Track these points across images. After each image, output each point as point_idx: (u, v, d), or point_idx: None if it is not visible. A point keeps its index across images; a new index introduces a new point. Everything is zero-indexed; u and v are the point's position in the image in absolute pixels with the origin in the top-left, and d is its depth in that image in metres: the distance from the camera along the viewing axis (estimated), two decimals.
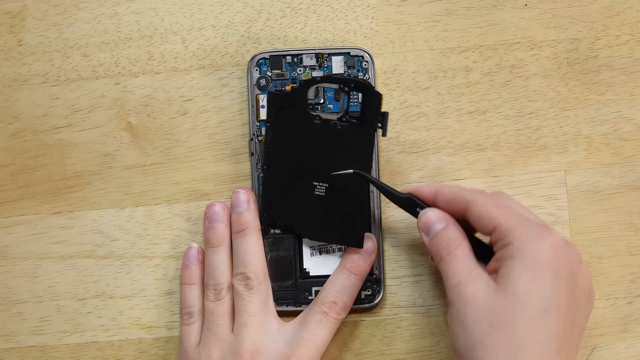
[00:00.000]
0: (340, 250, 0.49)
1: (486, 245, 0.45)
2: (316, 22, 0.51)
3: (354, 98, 0.49)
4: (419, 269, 0.50)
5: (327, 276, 0.48)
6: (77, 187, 0.51)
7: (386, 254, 0.50)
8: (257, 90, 0.50)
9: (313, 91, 0.48)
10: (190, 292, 0.48)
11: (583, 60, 0.50)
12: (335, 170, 0.46)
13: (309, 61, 0.50)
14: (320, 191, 0.47)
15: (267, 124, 0.48)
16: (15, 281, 0.51)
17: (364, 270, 0.47)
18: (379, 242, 0.49)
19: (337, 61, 0.50)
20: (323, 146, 0.47)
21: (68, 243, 0.51)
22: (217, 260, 0.48)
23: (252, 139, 0.49)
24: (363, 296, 0.49)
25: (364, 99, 0.46)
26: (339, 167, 0.46)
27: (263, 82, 0.50)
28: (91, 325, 0.50)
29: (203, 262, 0.49)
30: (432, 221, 0.44)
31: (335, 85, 0.47)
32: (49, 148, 0.51)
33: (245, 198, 0.48)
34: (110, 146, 0.51)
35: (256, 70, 0.50)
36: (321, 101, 0.49)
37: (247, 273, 0.47)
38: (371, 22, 0.51)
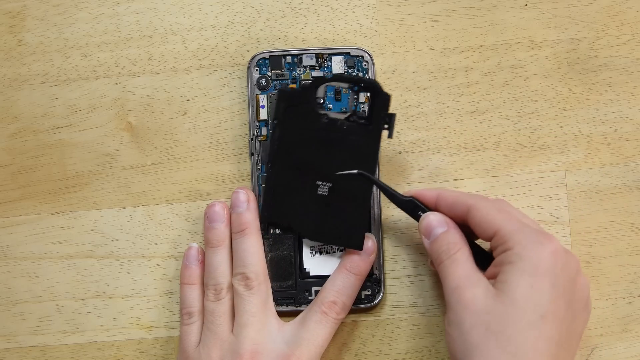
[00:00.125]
0: (340, 250, 0.49)
1: (486, 252, 0.45)
2: (316, 22, 0.51)
3: (354, 98, 0.49)
4: (419, 269, 0.50)
5: (327, 276, 0.48)
6: (77, 187, 0.51)
7: (386, 254, 0.50)
8: (257, 90, 0.50)
9: (322, 90, 0.48)
10: (190, 292, 0.48)
11: (583, 60, 0.50)
12: (339, 170, 0.46)
13: (309, 61, 0.50)
14: (323, 190, 0.47)
15: (274, 120, 0.47)
16: (15, 281, 0.51)
17: (364, 270, 0.47)
18: (379, 242, 0.49)
19: (337, 61, 0.50)
20: (329, 145, 0.47)
21: (68, 243, 0.51)
22: (217, 260, 0.48)
23: (252, 139, 0.49)
24: (363, 296, 0.49)
25: (372, 100, 0.46)
26: (343, 167, 0.46)
27: (263, 82, 0.50)
28: (91, 325, 0.50)
29: (203, 262, 0.49)
30: (433, 225, 0.44)
31: (345, 85, 0.47)
32: (49, 148, 0.51)
33: (245, 198, 0.48)
34: (110, 146, 0.51)
35: (256, 70, 0.50)
36: (321, 101, 0.49)
37: (247, 273, 0.47)
38: (371, 22, 0.51)
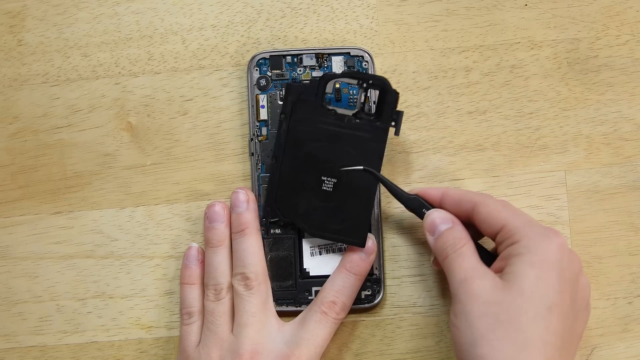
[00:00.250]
0: (340, 250, 0.49)
1: (489, 251, 0.45)
2: (316, 22, 0.51)
3: (354, 98, 0.49)
4: (419, 269, 0.50)
5: (327, 276, 0.48)
6: (77, 187, 0.51)
7: (386, 254, 0.50)
8: (257, 90, 0.50)
9: (331, 85, 0.47)
10: (190, 292, 0.48)
11: (583, 60, 0.50)
12: (345, 166, 0.46)
13: (309, 61, 0.50)
14: (328, 186, 0.47)
15: (282, 115, 0.47)
16: (15, 281, 0.51)
17: (364, 270, 0.47)
18: (379, 242, 0.49)
19: (337, 61, 0.50)
20: (335, 141, 0.46)
21: (68, 243, 0.51)
22: (217, 260, 0.48)
23: (252, 139, 0.49)
24: (363, 296, 0.49)
25: (380, 97, 0.46)
26: (349, 163, 0.46)
27: (263, 82, 0.50)
28: (91, 325, 0.50)
29: (203, 262, 0.49)
30: (438, 221, 0.45)
31: (354, 81, 0.47)
32: (49, 148, 0.51)
33: (245, 198, 0.48)
34: (110, 146, 0.51)
35: (256, 70, 0.50)
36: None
37: (247, 273, 0.47)
38: (371, 22, 0.51)
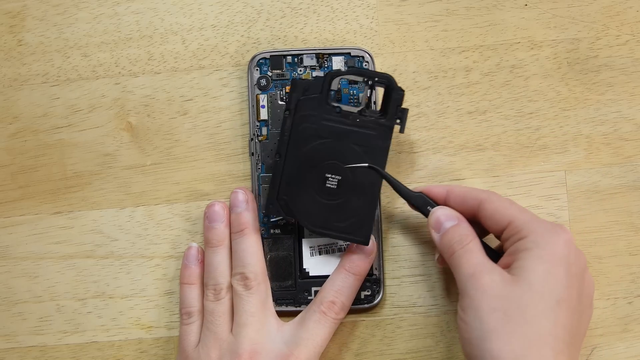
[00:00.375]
0: (340, 250, 0.49)
1: (493, 249, 0.45)
2: (316, 22, 0.51)
3: (354, 98, 0.49)
4: (419, 269, 0.50)
5: (327, 276, 0.48)
6: (77, 187, 0.51)
7: (386, 254, 0.50)
8: (258, 90, 0.50)
9: (336, 82, 0.47)
10: (190, 292, 0.48)
11: (583, 60, 0.50)
12: (349, 163, 0.46)
13: (309, 61, 0.50)
14: (332, 183, 0.47)
15: (286, 111, 0.47)
16: (15, 281, 0.51)
17: (363, 270, 0.47)
18: (378, 243, 0.49)
19: (338, 61, 0.50)
20: (340, 138, 0.46)
21: (68, 243, 0.51)
22: (217, 260, 0.48)
23: (252, 139, 0.49)
24: (363, 296, 0.49)
25: (385, 94, 0.46)
26: (353, 161, 0.46)
27: (263, 82, 0.50)
28: (91, 325, 0.50)
29: (203, 262, 0.49)
30: (443, 219, 0.45)
31: (360, 78, 0.47)
32: (49, 148, 0.51)
33: (244, 198, 0.48)
34: (110, 146, 0.51)
35: (256, 70, 0.50)
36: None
37: (246, 273, 0.47)
38: (371, 22, 0.51)
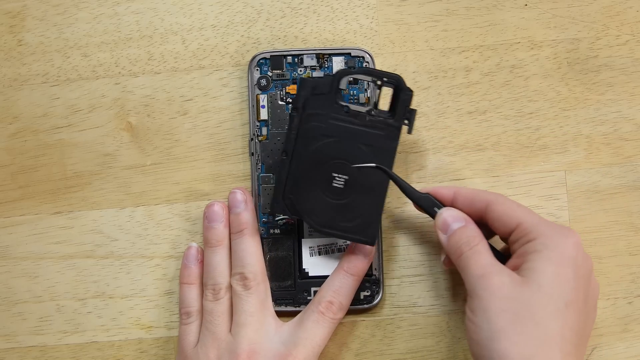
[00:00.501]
0: (340, 250, 0.49)
1: (499, 252, 0.45)
2: (316, 22, 0.51)
3: (354, 98, 0.49)
4: (419, 269, 0.50)
5: (326, 276, 0.48)
6: (77, 187, 0.51)
7: (386, 254, 0.50)
8: (258, 90, 0.50)
9: (345, 82, 0.47)
10: (189, 292, 0.48)
11: (583, 60, 0.50)
12: (356, 163, 0.46)
13: (309, 61, 0.50)
14: (339, 183, 0.46)
15: (294, 109, 0.46)
16: (15, 281, 0.51)
17: (361, 271, 0.47)
18: (378, 243, 0.49)
19: (338, 61, 0.50)
20: (347, 138, 0.46)
21: (68, 243, 0.51)
22: (216, 260, 0.48)
23: (252, 139, 0.49)
24: (362, 297, 0.49)
25: (394, 95, 0.46)
26: (361, 160, 0.46)
27: (264, 82, 0.50)
28: (91, 325, 0.50)
29: (202, 262, 0.49)
30: (450, 220, 0.45)
31: (368, 78, 0.47)
32: (49, 148, 0.51)
33: (243, 198, 0.48)
34: (110, 146, 0.51)
35: (257, 70, 0.50)
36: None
37: (246, 273, 0.47)
38: (371, 22, 0.51)
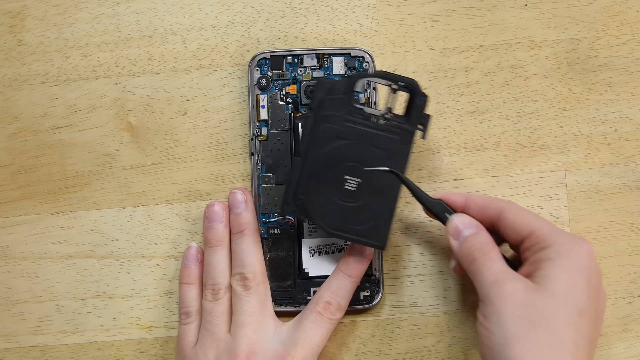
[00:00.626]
0: (339, 251, 0.49)
1: (508, 259, 0.45)
2: (316, 22, 0.51)
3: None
4: (419, 269, 0.50)
5: (326, 277, 0.48)
6: (77, 187, 0.51)
7: (386, 254, 0.50)
8: (258, 90, 0.50)
9: (361, 84, 0.47)
10: (189, 292, 0.48)
11: (583, 60, 0.50)
12: (370, 166, 0.46)
13: (309, 61, 0.50)
14: (351, 186, 0.46)
15: (309, 110, 0.46)
16: (15, 281, 0.51)
17: (359, 273, 0.47)
18: None
19: (338, 61, 0.50)
20: (361, 140, 0.46)
21: (68, 243, 0.51)
22: (216, 260, 0.48)
23: (252, 139, 0.49)
24: (362, 297, 0.49)
25: (409, 99, 0.46)
26: (374, 164, 0.46)
27: (264, 82, 0.50)
28: (91, 325, 0.50)
29: (202, 262, 0.49)
30: (462, 227, 0.45)
31: (384, 82, 0.47)
32: (49, 148, 0.51)
33: (243, 198, 0.48)
34: (110, 146, 0.51)
35: (257, 70, 0.50)
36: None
37: (245, 273, 0.47)
38: (371, 22, 0.51)
